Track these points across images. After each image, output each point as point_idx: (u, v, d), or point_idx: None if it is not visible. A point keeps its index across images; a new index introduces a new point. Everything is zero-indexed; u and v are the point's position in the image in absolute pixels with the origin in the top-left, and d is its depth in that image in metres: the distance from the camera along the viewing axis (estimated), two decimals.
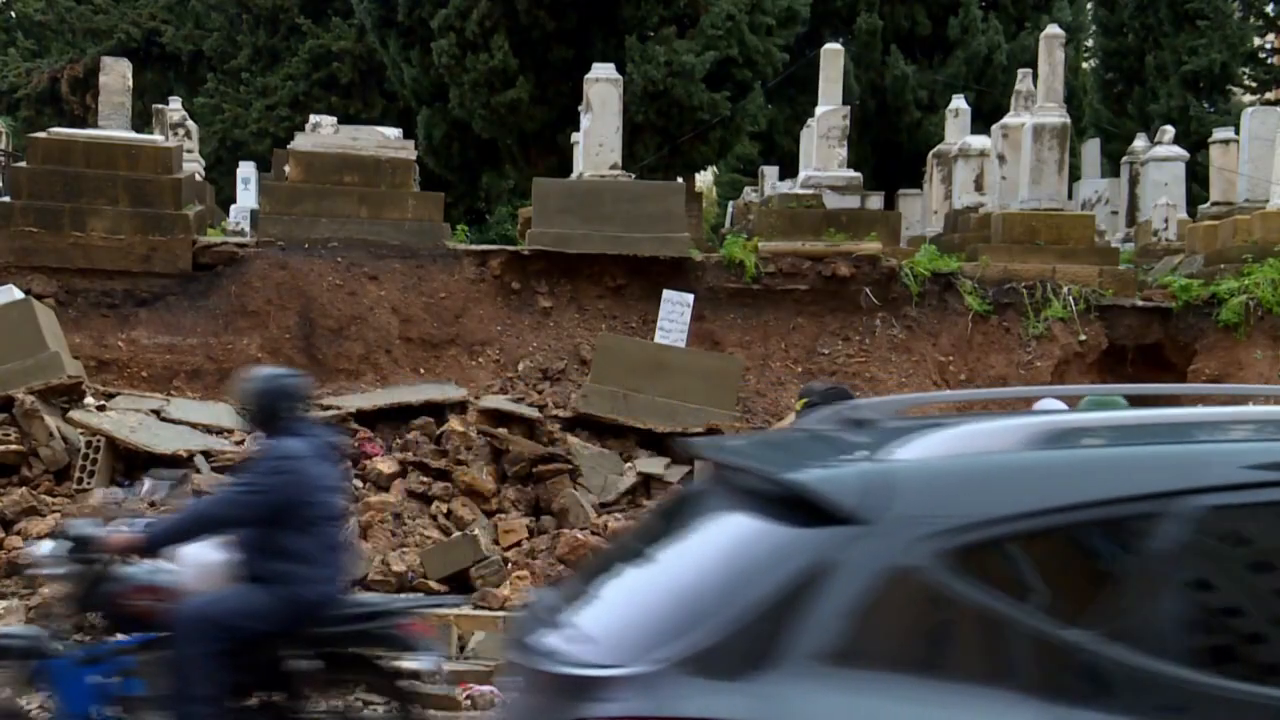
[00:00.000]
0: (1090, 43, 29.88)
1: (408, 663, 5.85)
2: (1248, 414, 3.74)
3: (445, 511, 10.65)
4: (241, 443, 11.45)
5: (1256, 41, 28.43)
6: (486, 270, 13.96)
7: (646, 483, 11.50)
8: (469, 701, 7.50)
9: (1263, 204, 15.69)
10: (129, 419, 11.34)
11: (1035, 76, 15.91)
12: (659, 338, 12.88)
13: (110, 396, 12.11)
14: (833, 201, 15.28)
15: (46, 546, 5.95)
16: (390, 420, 12.12)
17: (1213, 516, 2.93)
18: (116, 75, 15.09)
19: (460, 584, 9.26)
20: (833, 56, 16.36)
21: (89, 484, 10.51)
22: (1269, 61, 28.60)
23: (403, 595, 8.37)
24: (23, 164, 14.79)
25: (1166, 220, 18.63)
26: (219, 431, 11.72)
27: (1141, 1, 27.36)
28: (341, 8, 25.55)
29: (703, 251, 14.96)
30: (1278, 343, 13.64)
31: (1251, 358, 13.64)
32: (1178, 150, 19.72)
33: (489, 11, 19.28)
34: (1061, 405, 6.31)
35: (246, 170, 21.10)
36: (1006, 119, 16.61)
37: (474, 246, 14.54)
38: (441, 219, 14.46)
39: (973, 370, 13.93)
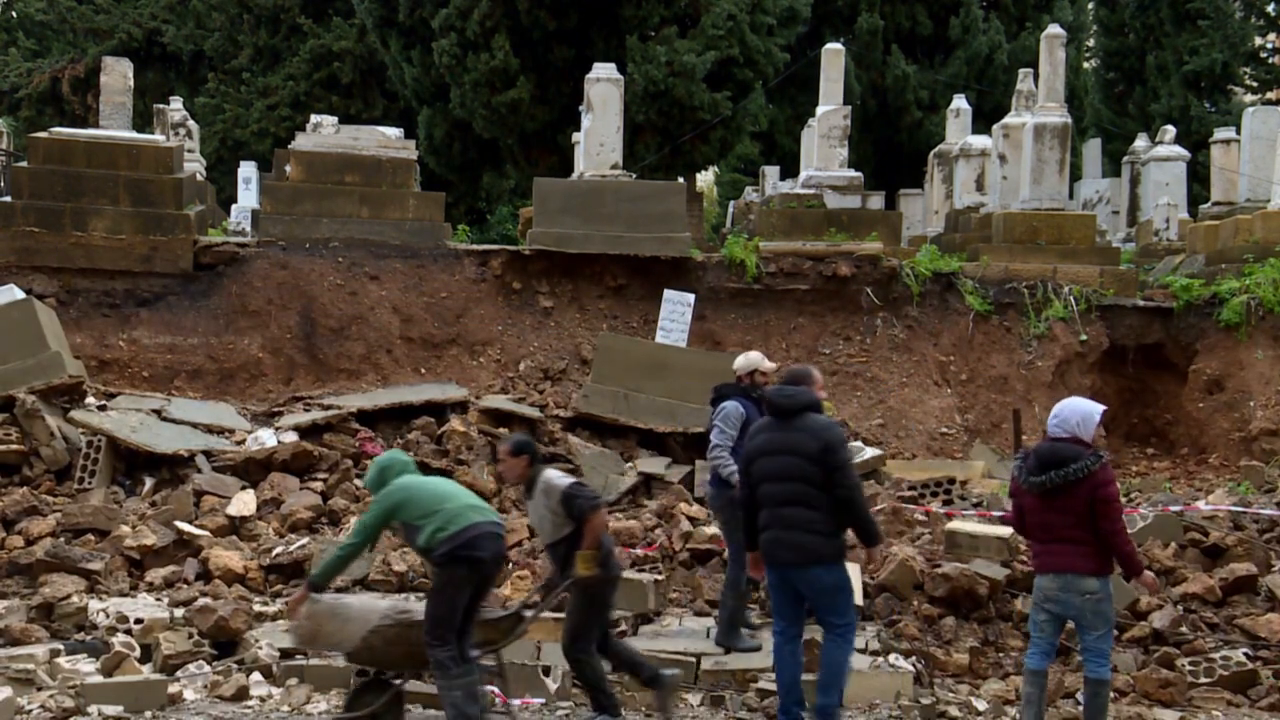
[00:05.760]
0: (1091, 42, 29.86)
1: None
2: None
3: None
4: (242, 442, 11.44)
5: (1257, 41, 28.39)
6: (487, 270, 13.96)
7: (647, 482, 11.50)
8: None
9: (1264, 204, 15.69)
10: (130, 419, 11.34)
11: (1036, 76, 15.90)
12: (660, 337, 12.87)
13: (111, 396, 12.10)
14: (833, 201, 15.27)
15: None
16: (391, 420, 12.11)
17: None
18: (118, 75, 15.08)
19: None
20: (834, 56, 16.34)
21: (90, 484, 10.51)
22: (1270, 61, 28.56)
23: None
24: (24, 164, 14.78)
25: (1167, 220, 18.63)
26: (220, 431, 11.71)
27: (1142, 1, 27.35)
28: (342, 8, 25.52)
29: (704, 251, 14.96)
30: (1278, 342, 13.64)
31: (1253, 357, 13.63)
32: (1179, 150, 19.71)
33: (490, 11, 19.27)
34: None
35: (247, 170, 21.09)
36: (1007, 119, 16.60)
37: (475, 246, 14.54)
38: (442, 219, 14.46)
39: (973, 370, 13.93)
